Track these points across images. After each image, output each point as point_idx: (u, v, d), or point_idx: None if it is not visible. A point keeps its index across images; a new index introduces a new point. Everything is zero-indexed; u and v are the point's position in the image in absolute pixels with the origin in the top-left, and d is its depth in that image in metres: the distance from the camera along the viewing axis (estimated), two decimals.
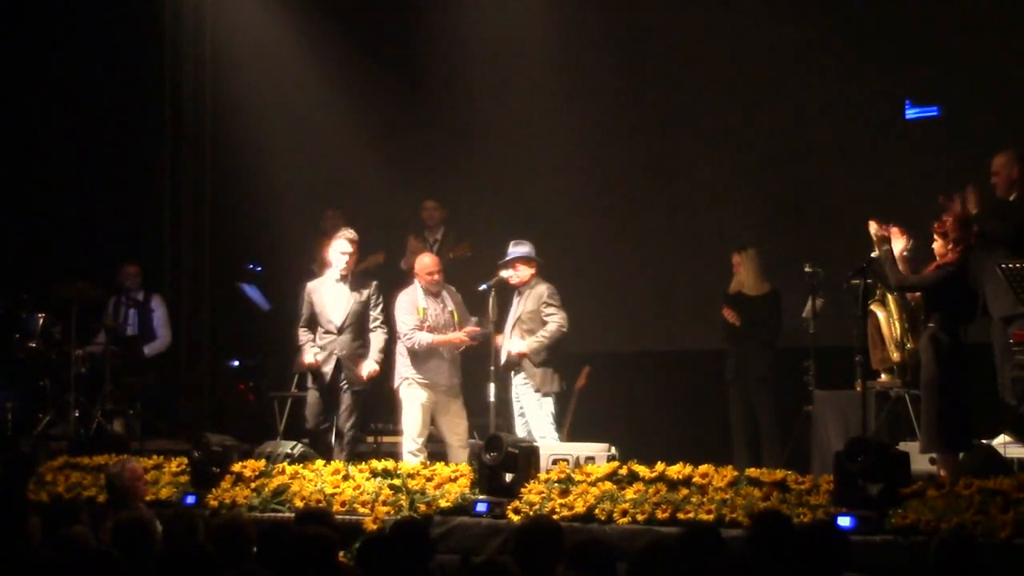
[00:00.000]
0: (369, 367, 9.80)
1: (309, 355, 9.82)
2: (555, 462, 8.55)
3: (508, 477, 8.32)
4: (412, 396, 9.88)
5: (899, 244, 8.55)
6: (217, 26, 13.25)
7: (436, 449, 10.08)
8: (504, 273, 9.76)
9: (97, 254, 12.54)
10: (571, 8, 12.24)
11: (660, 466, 7.97)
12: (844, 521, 7.09)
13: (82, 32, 12.84)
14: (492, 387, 9.54)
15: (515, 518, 7.92)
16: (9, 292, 11.67)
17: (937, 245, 8.34)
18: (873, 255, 8.61)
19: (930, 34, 11.22)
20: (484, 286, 9.78)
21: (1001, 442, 8.37)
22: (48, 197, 12.99)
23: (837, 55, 11.41)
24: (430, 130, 12.85)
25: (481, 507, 8.20)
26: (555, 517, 7.63)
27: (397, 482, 8.59)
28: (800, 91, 11.59)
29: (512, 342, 9.67)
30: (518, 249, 9.79)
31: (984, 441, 8.31)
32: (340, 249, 9.81)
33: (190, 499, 9.01)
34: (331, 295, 9.84)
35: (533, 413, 9.61)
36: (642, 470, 8.01)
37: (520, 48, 12.29)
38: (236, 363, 13.32)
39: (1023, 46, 10.77)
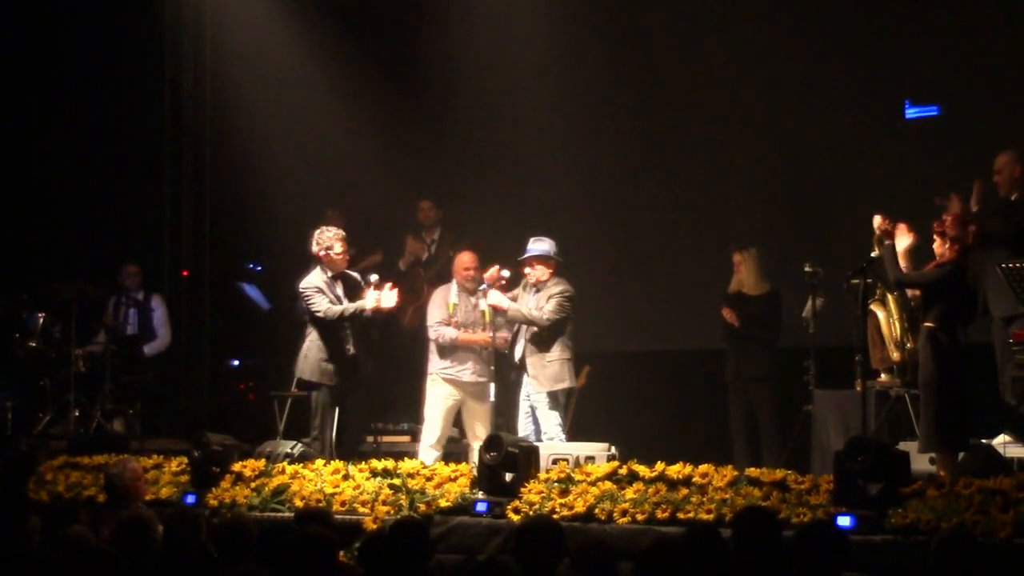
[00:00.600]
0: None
1: (371, 299, 9.57)
2: (555, 462, 8.55)
3: (508, 477, 8.32)
4: (435, 393, 9.94)
5: (906, 241, 8.53)
6: (217, 26, 13.26)
7: (450, 448, 10.10)
8: (503, 272, 9.76)
9: (97, 254, 12.54)
10: (571, 8, 12.24)
11: (660, 466, 7.97)
12: (844, 521, 7.09)
13: (82, 32, 12.83)
14: (492, 387, 9.55)
15: (515, 518, 7.92)
16: (9, 292, 11.66)
17: (936, 244, 8.34)
18: (873, 255, 8.61)
19: (930, 34, 11.22)
20: (484, 285, 9.79)
21: (1001, 442, 8.38)
22: (48, 197, 12.98)
23: (837, 55, 11.42)
24: (429, 130, 12.86)
25: (481, 507, 8.20)
26: (555, 517, 7.62)
27: (397, 482, 8.59)
28: (800, 91, 11.59)
29: (493, 293, 9.63)
30: (537, 247, 9.75)
31: (984, 441, 8.31)
32: (337, 249, 9.76)
33: (190, 499, 9.01)
34: (339, 292, 9.81)
35: (543, 412, 9.60)
36: (642, 470, 8.01)
37: (520, 48, 12.30)
38: (236, 363, 13.33)
39: (1023, 46, 10.77)
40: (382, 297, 9.57)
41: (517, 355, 9.71)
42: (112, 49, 12.87)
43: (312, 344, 9.67)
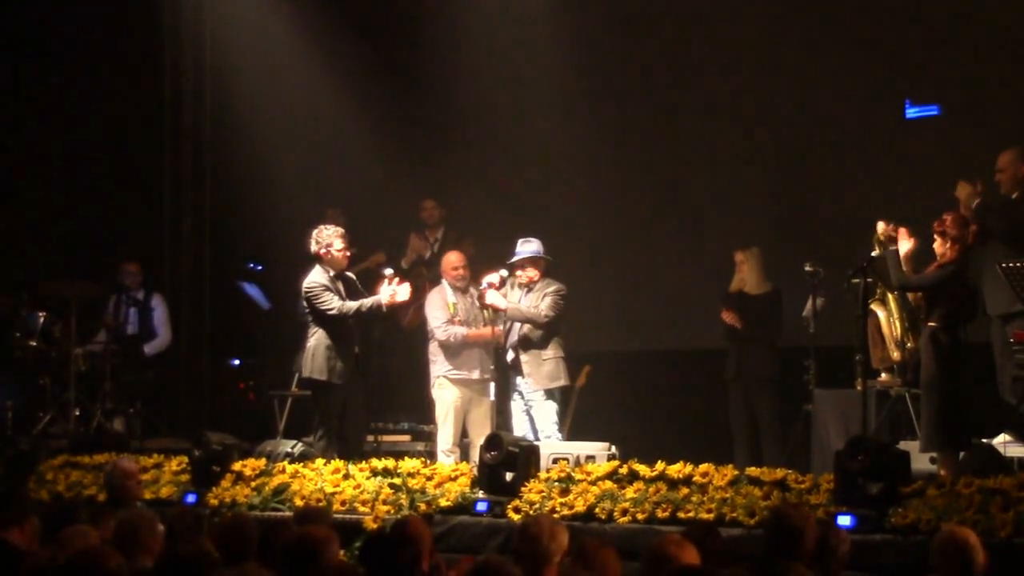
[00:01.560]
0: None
1: (386, 293, 9.50)
2: (555, 461, 8.56)
3: (508, 476, 8.32)
4: (445, 397, 9.99)
5: (907, 245, 8.53)
6: (217, 26, 13.26)
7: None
8: (495, 272, 9.77)
9: (97, 254, 12.54)
10: (573, 7, 12.25)
11: (660, 465, 7.97)
12: (844, 520, 7.09)
13: (82, 32, 12.83)
14: (492, 386, 9.56)
15: (515, 517, 7.92)
16: (9, 292, 11.66)
17: (937, 244, 8.35)
18: (874, 254, 8.60)
19: (930, 34, 11.22)
20: (484, 284, 9.80)
21: (1001, 442, 8.38)
22: (48, 196, 12.99)
23: (837, 55, 11.42)
24: (430, 129, 12.86)
25: (481, 506, 8.21)
26: (555, 516, 7.62)
27: (397, 481, 8.59)
28: (800, 91, 11.60)
29: (491, 293, 9.64)
30: (526, 248, 9.76)
31: (984, 441, 8.31)
32: (337, 246, 9.73)
33: (190, 498, 9.01)
34: (341, 291, 9.78)
35: (539, 411, 9.61)
36: (642, 469, 8.01)
37: (522, 48, 12.31)
38: (236, 362, 13.33)
39: (1023, 46, 10.77)
40: (397, 290, 9.56)
41: (509, 356, 9.71)
42: (112, 49, 12.88)
43: (319, 343, 9.53)
